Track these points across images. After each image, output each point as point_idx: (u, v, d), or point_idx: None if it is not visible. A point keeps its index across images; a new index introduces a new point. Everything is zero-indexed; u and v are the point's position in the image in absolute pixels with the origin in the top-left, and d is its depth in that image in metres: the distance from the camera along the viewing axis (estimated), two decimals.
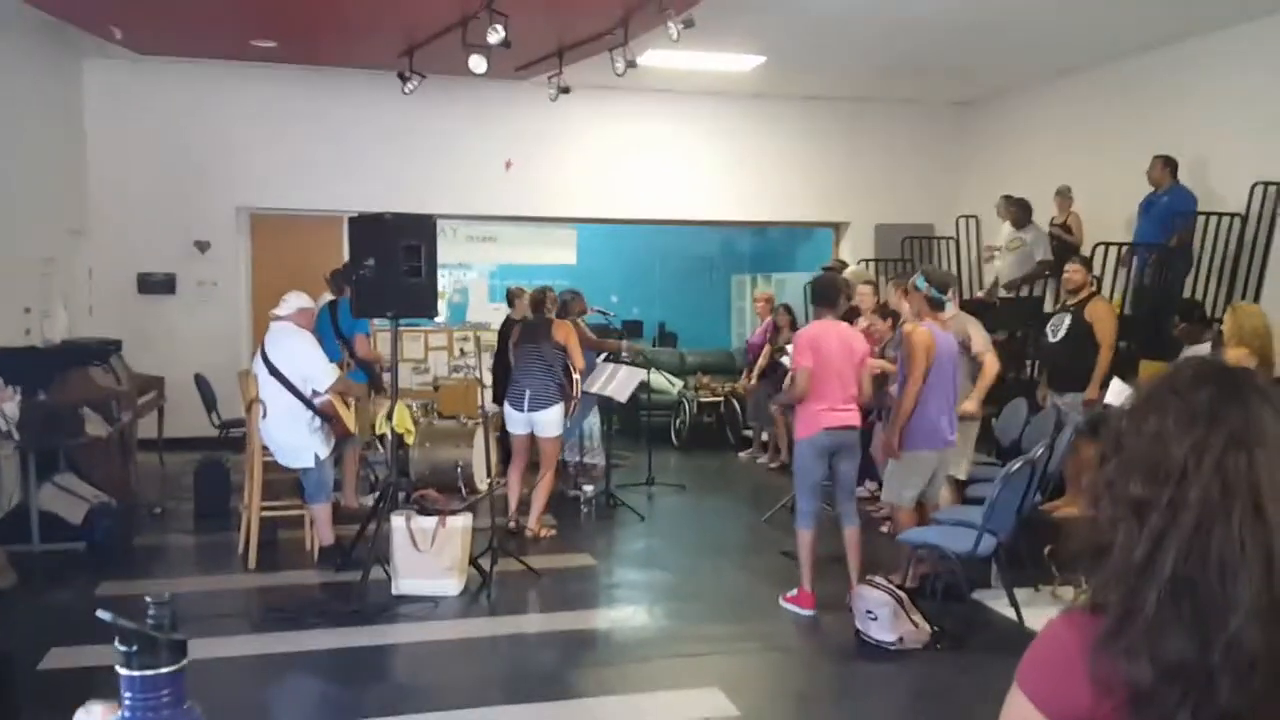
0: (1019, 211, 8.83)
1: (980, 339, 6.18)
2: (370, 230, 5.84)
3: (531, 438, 6.77)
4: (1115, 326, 6.75)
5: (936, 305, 5.47)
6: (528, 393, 6.67)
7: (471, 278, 14.00)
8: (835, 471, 5.31)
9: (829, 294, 5.45)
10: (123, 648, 1.15)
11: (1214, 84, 8.07)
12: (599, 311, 8.90)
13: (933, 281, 5.46)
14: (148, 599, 1.17)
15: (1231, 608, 1.08)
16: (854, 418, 5.25)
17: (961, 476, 6.11)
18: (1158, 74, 8.62)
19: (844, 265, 10.20)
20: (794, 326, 9.26)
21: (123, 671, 1.15)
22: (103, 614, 1.17)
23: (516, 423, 6.76)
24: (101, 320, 9.04)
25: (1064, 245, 8.53)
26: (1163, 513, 1.14)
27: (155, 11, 7.71)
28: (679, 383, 11.48)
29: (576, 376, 6.77)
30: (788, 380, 5.69)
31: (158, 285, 9.61)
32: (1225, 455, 1.13)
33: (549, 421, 6.66)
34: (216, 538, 6.69)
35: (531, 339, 6.79)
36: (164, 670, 1.15)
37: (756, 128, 10.98)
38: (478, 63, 7.74)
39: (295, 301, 5.98)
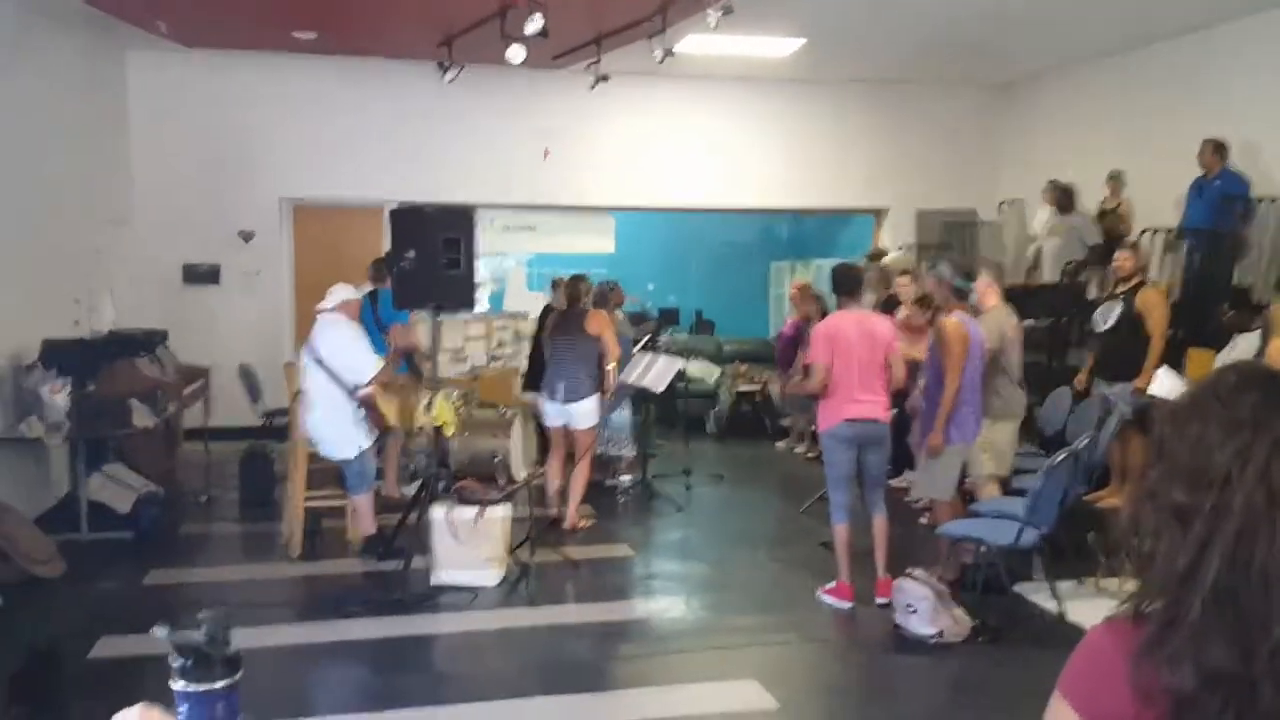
0: (1062, 196, 8.71)
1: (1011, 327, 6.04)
2: (411, 222, 5.89)
3: (567, 429, 6.80)
4: (1167, 315, 6.63)
5: (960, 294, 5.41)
6: (562, 385, 6.69)
7: (509, 266, 14.04)
8: (863, 463, 5.27)
9: (848, 283, 5.40)
10: (177, 661, 1.16)
11: (1265, 65, 7.87)
12: (637, 301, 8.90)
13: (957, 269, 5.40)
14: (200, 617, 1.17)
15: (1275, 616, 1.07)
16: (877, 409, 5.20)
17: (1004, 473, 6.05)
18: (1205, 55, 8.43)
19: (883, 253, 10.10)
20: (824, 314, 9.17)
21: (177, 686, 1.17)
22: (158, 631, 1.18)
23: (551, 415, 6.80)
24: (147, 310, 9.21)
25: (1113, 231, 8.40)
26: (1206, 520, 1.12)
27: (200, 5, 7.81)
28: (716, 371, 11.45)
29: (612, 366, 6.77)
30: (798, 374, 5.64)
31: (203, 275, 9.76)
32: (1270, 462, 1.12)
33: (583, 413, 6.68)
34: (261, 527, 6.80)
35: (566, 330, 6.80)
36: (218, 685, 1.17)
37: (795, 112, 10.90)
38: (516, 52, 7.76)
39: (340, 294, 6.04)
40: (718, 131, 10.76)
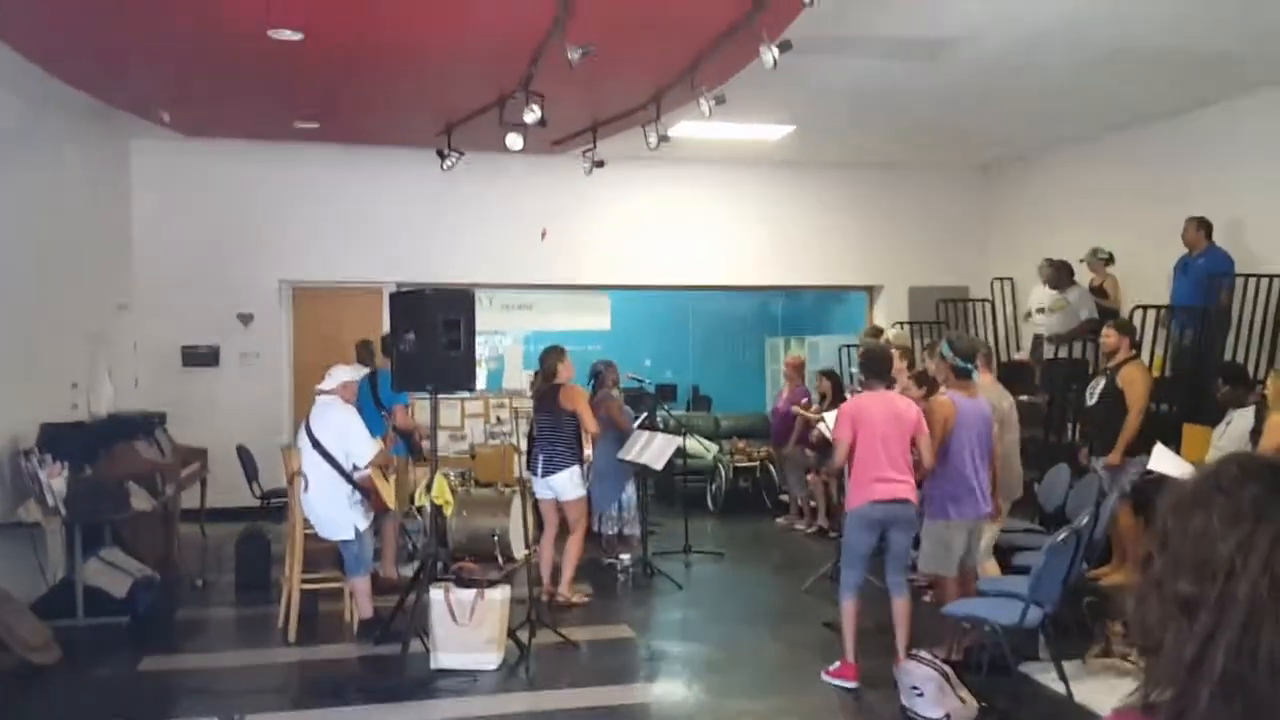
0: (1056, 273, 8.82)
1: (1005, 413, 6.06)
2: (410, 304, 5.94)
3: (557, 503, 6.83)
4: (1146, 391, 6.70)
5: (962, 374, 5.47)
6: (541, 458, 6.78)
7: (507, 344, 14.13)
8: (888, 542, 5.26)
9: (875, 364, 5.45)
10: None
11: (1248, 144, 8.08)
12: (632, 378, 8.95)
13: (957, 350, 5.48)
14: None
15: None
16: (905, 489, 5.19)
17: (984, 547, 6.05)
18: (1187, 136, 8.65)
19: (880, 330, 10.21)
20: (839, 392, 9.24)
21: None
22: None
23: (539, 490, 6.89)
24: (146, 393, 9.23)
25: (1103, 308, 8.51)
26: (1211, 611, 1.14)
27: (202, 97, 8.00)
28: (714, 448, 11.44)
29: (587, 439, 6.80)
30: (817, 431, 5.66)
31: (201, 357, 9.81)
32: (1273, 552, 1.14)
33: (564, 484, 6.74)
34: (257, 610, 6.73)
35: (543, 406, 6.90)
36: None
37: (787, 194, 11.10)
38: (514, 140, 7.93)
39: (340, 375, 6.08)
40: (711, 212, 10.94)
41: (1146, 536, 1.27)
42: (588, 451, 6.87)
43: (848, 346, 10.90)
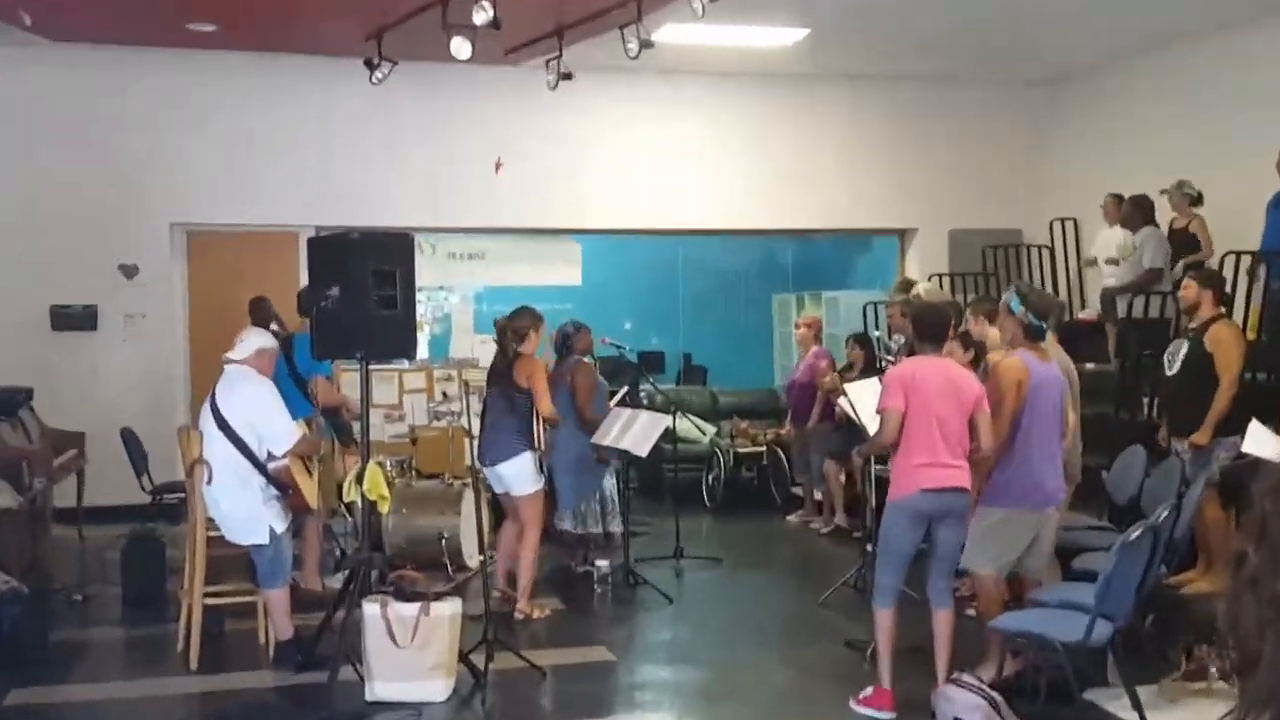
0: (1131, 210, 8.82)
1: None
2: (334, 252, 5.91)
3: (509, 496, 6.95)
4: (1239, 357, 6.72)
5: (1034, 334, 5.49)
6: (488, 443, 6.89)
7: (454, 303, 14.06)
8: (935, 540, 5.30)
9: (932, 326, 5.48)
10: None
11: None
12: (610, 343, 8.95)
13: (1030, 305, 5.49)
14: None
15: None
16: (961, 476, 5.24)
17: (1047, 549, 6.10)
18: None
19: (912, 284, 10.23)
20: (872, 361, 9.27)
21: None
22: None
23: (492, 481, 7.01)
24: (7, 364, 9.16)
25: (1185, 254, 8.54)
26: None
27: None
28: (711, 429, 11.46)
29: (542, 423, 6.86)
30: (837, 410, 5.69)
31: (75, 320, 9.72)
32: None
33: (513, 476, 6.83)
34: (150, 631, 6.72)
35: (495, 381, 6.97)
36: None
37: (799, 116, 11.07)
38: (461, 46, 7.86)
39: (254, 341, 6.03)
40: (706, 139, 10.90)
41: (1240, 532, 1.28)
42: (540, 439, 6.88)
43: (874, 304, 10.92)
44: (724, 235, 12.31)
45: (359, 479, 5.95)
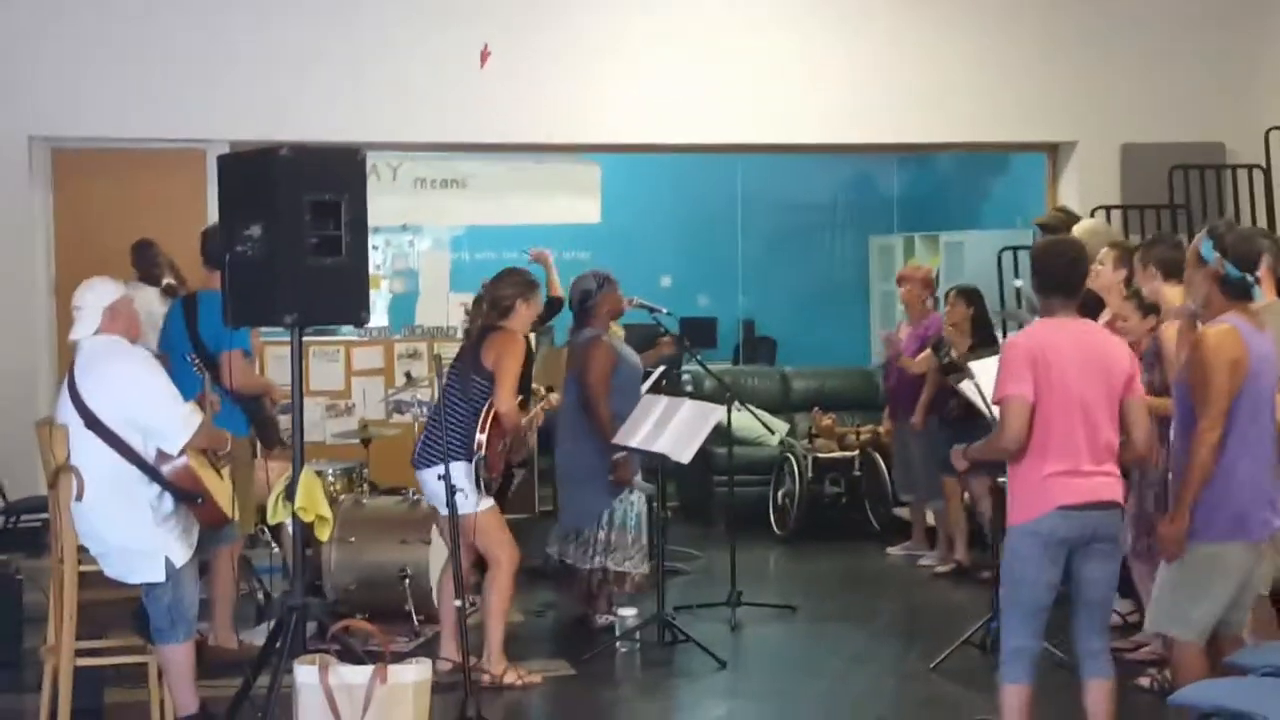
0: None
1: None
2: (254, 176, 5.88)
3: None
4: None
5: (1236, 290, 5.42)
6: (422, 441, 7.03)
7: (423, 249, 14.06)
8: (1078, 579, 5.30)
9: (1063, 271, 5.43)
10: None
11: None
12: (641, 306, 8.92)
13: (1229, 249, 5.42)
14: None
15: None
16: (1113, 486, 5.26)
17: (1264, 590, 6.02)
18: None
19: (1069, 218, 10.13)
20: (984, 328, 9.17)
21: None
22: None
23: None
24: None
25: None
26: None
27: None
28: (782, 427, 11.43)
29: (484, 427, 6.86)
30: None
31: None
32: None
33: (432, 489, 6.84)
34: (2, 701, 6.75)
35: (461, 356, 7.09)
36: None
37: None
38: None
39: (99, 296, 5.96)
40: (774, 19, 10.83)
41: None
42: (481, 442, 6.89)
43: (1012, 250, 10.83)
44: (798, 154, 12.23)
45: (288, 494, 5.95)
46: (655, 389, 8.65)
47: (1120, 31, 11.15)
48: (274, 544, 8.11)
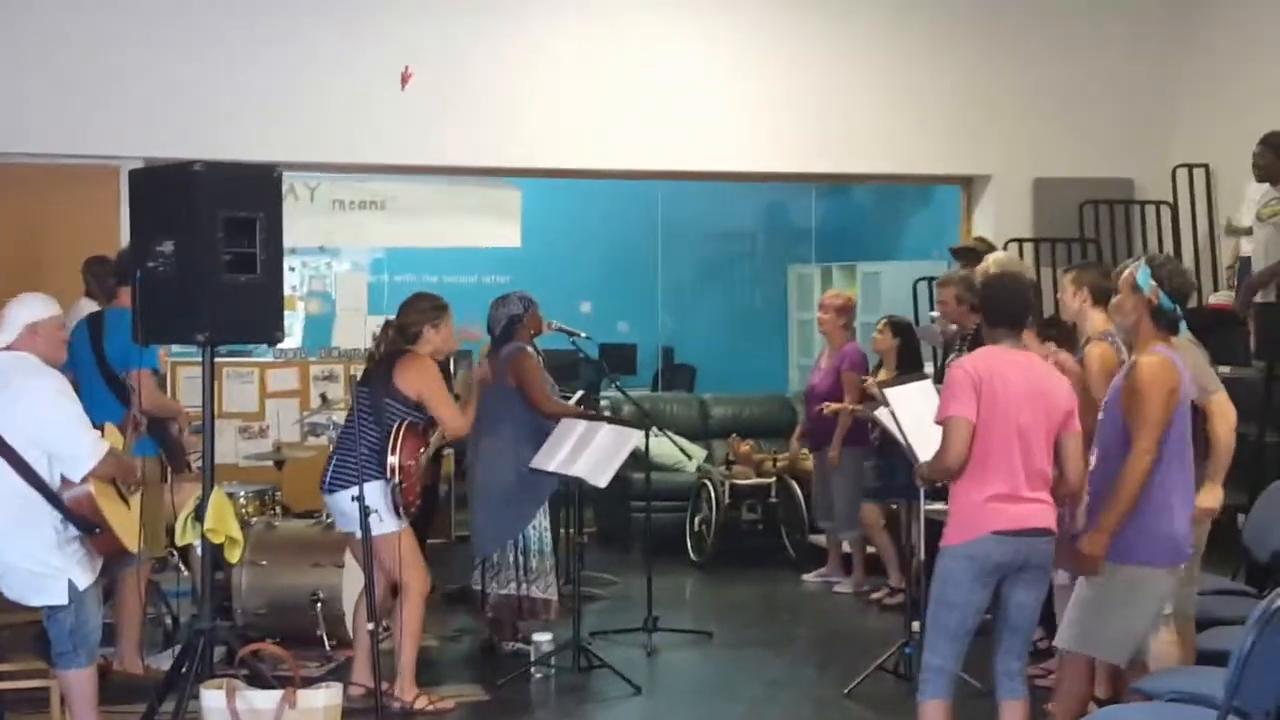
0: (1274, 157, 8.84)
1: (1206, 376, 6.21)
2: (167, 191, 5.89)
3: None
4: None
5: (1166, 320, 5.49)
6: (332, 464, 6.95)
7: (341, 271, 13.97)
8: (1006, 605, 5.36)
9: (1009, 304, 5.53)
10: None
11: None
12: (562, 330, 8.89)
13: (1165, 281, 5.48)
14: None
15: None
16: (1046, 514, 5.31)
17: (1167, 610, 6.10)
18: None
19: (986, 247, 10.20)
20: (911, 359, 9.24)
21: None
22: None
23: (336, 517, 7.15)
24: None
25: None
26: None
27: None
28: (699, 453, 11.43)
29: (395, 449, 6.77)
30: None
31: None
32: None
33: (344, 511, 6.77)
34: None
35: (369, 380, 7.03)
36: None
37: (829, 23, 11.04)
38: None
39: (24, 312, 5.91)
40: (699, 50, 10.87)
41: None
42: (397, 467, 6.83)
43: (929, 280, 10.90)
44: (720, 182, 12.26)
45: (198, 515, 5.89)
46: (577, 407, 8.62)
47: (1034, 70, 11.27)
48: (183, 567, 8.01)
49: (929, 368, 9.32)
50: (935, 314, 8.47)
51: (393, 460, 6.75)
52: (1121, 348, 6.07)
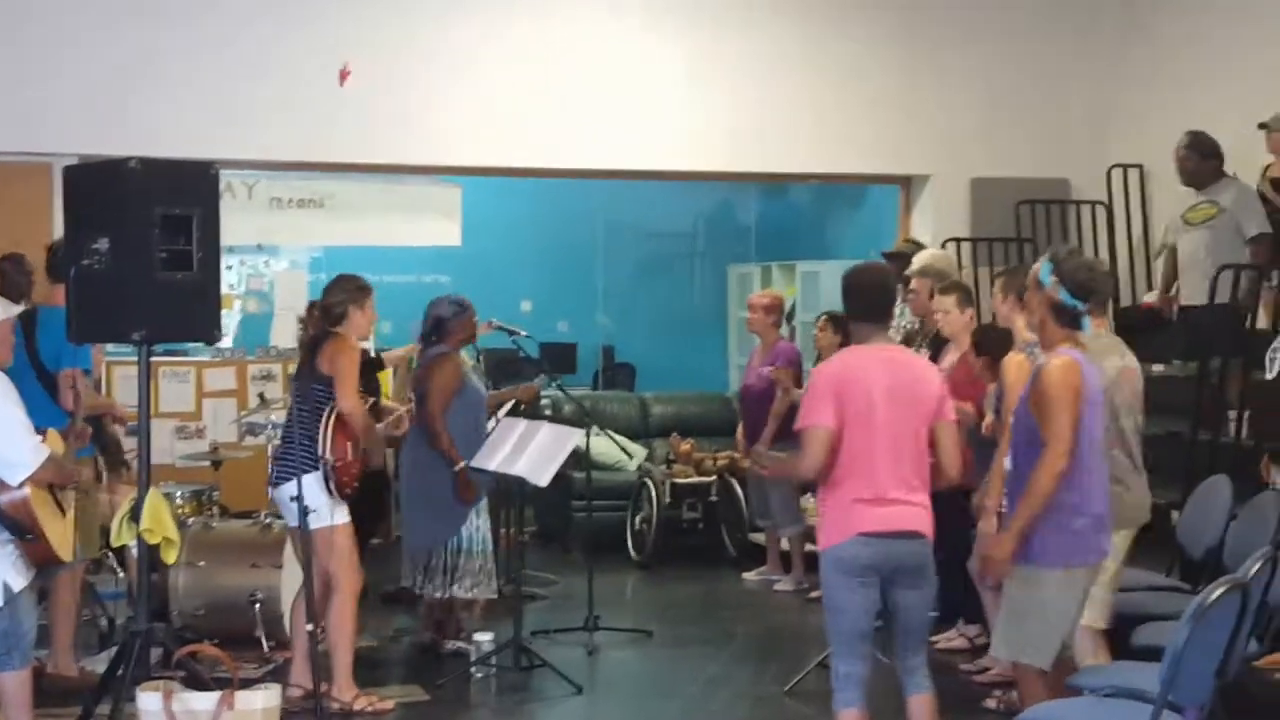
0: (1199, 159, 8.89)
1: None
2: (102, 188, 5.84)
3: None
4: None
5: (1068, 317, 5.50)
6: (276, 460, 6.97)
7: (279, 269, 13.88)
8: (893, 606, 5.37)
9: (872, 298, 5.52)
10: None
11: None
12: (502, 329, 8.88)
13: (1066, 276, 5.50)
14: None
15: None
16: (917, 516, 5.31)
17: (1101, 624, 6.14)
18: None
19: (917, 247, 10.27)
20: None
21: None
22: None
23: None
24: None
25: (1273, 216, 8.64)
26: None
27: None
28: (640, 452, 11.43)
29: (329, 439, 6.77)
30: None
31: None
32: None
33: (286, 504, 6.76)
34: None
35: (299, 370, 7.04)
36: None
37: (768, 21, 11.06)
38: None
39: None
40: (639, 48, 10.86)
41: None
42: (326, 447, 6.81)
43: None
44: (661, 181, 12.27)
45: (134, 516, 5.84)
46: (514, 412, 8.59)
47: (972, 71, 11.33)
48: (119, 568, 7.93)
49: None
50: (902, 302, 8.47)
51: (325, 444, 6.74)
52: (1040, 357, 6.07)
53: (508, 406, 8.57)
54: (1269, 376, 7.15)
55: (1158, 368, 8.98)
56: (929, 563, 5.39)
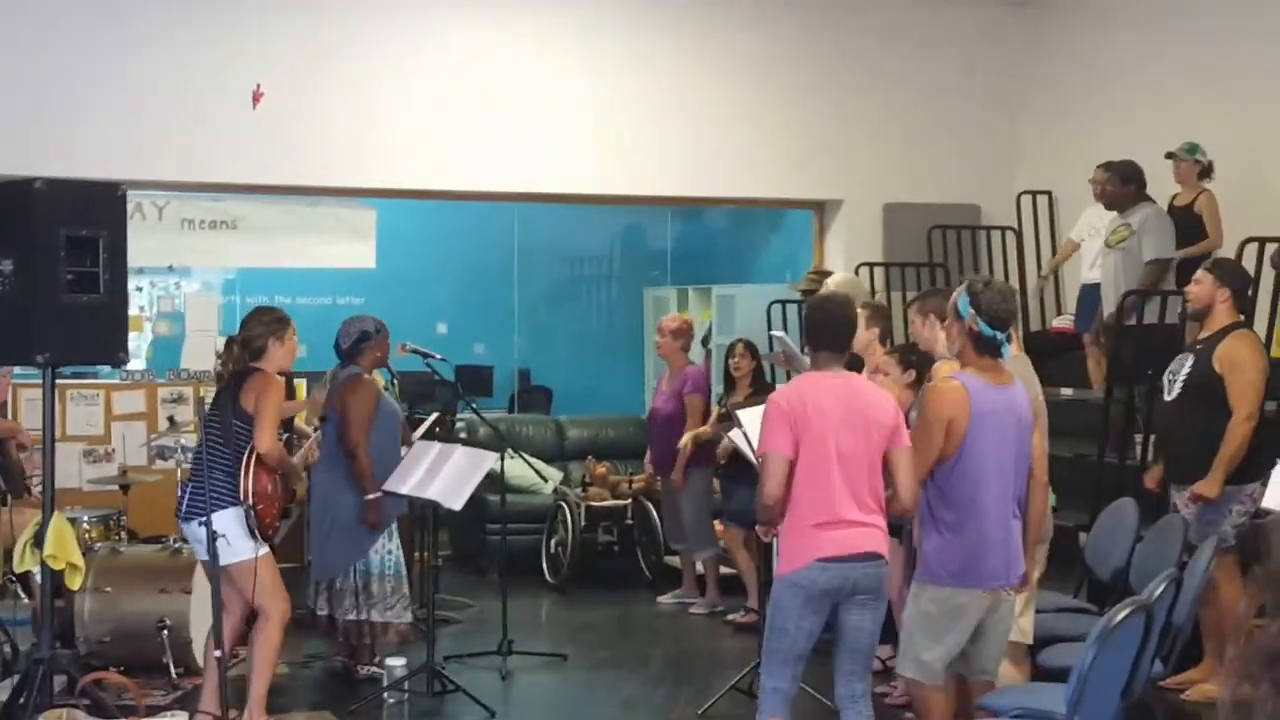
0: (1120, 184, 9.00)
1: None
2: (6, 208, 5.79)
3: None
4: (1260, 379, 6.95)
5: (988, 346, 5.56)
6: (188, 490, 6.77)
7: (190, 291, 13.75)
8: (842, 627, 5.40)
9: (833, 326, 5.58)
10: None
11: None
12: (416, 352, 8.84)
13: (982, 305, 5.56)
14: None
15: None
16: (874, 539, 5.35)
17: (1027, 640, 6.20)
18: None
19: (824, 274, 10.35)
20: (763, 380, 9.35)
21: None
22: None
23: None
24: None
25: (1191, 240, 8.73)
26: None
27: None
28: (556, 475, 11.40)
29: (248, 471, 6.66)
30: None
31: None
32: None
33: (199, 541, 6.61)
34: None
35: (219, 401, 6.91)
36: None
37: (681, 43, 11.10)
38: None
39: None
40: (551, 70, 10.87)
41: (1251, 591, 1.27)
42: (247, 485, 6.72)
43: (782, 303, 11.01)
44: (576, 204, 12.26)
45: (37, 541, 5.77)
46: (429, 435, 8.56)
47: (885, 98, 11.42)
48: (22, 594, 7.81)
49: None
50: (779, 333, 8.51)
51: (246, 484, 6.65)
52: None
53: (422, 429, 8.54)
54: (1167, 398, 7.24)
55: (1066, 391, 9.09)
56: (884, 583, 5.44)
